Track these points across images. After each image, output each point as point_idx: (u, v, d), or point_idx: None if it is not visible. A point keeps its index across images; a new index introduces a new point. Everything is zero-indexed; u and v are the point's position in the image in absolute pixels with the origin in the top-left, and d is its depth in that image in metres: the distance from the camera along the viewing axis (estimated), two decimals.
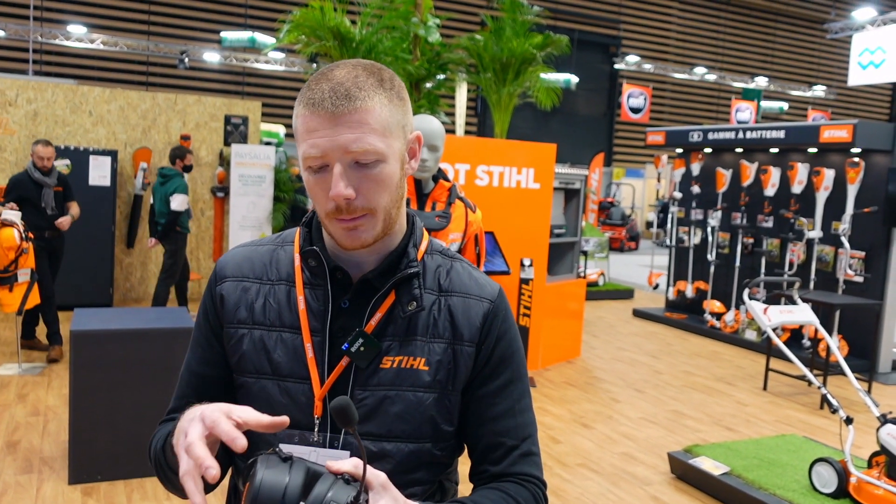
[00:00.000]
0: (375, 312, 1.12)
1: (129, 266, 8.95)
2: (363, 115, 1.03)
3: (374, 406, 1.10)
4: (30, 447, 4.35)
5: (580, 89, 21.83)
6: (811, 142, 7.83)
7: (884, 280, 7.42)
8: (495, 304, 1.20)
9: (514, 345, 1.21)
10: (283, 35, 8.94)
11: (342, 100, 1.02)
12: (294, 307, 1.14)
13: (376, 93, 1.06)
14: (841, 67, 25.86)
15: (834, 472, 3.92)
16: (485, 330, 1.17)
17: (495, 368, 1.18)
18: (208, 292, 1.22)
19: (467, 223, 2.96)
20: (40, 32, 16.70)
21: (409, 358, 1.12)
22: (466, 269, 1.22)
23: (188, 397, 1.20)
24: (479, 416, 1.18)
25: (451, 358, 1.14)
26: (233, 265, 1.21)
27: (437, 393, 1.13)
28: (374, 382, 1.11)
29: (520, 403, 1.20)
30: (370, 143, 1.03)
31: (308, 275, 1.15)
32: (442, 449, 1.16)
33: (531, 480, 1.17)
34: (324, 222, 1.10)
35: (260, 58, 18.59)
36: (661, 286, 11.10)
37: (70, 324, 3.90)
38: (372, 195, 1.06)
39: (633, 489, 4.29)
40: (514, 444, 1.18)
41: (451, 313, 1.16)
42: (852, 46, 13.76)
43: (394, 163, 1.08)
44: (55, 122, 8.47)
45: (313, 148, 1.03)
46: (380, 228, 1.09)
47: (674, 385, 6.61)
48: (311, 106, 1.04)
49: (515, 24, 9.69)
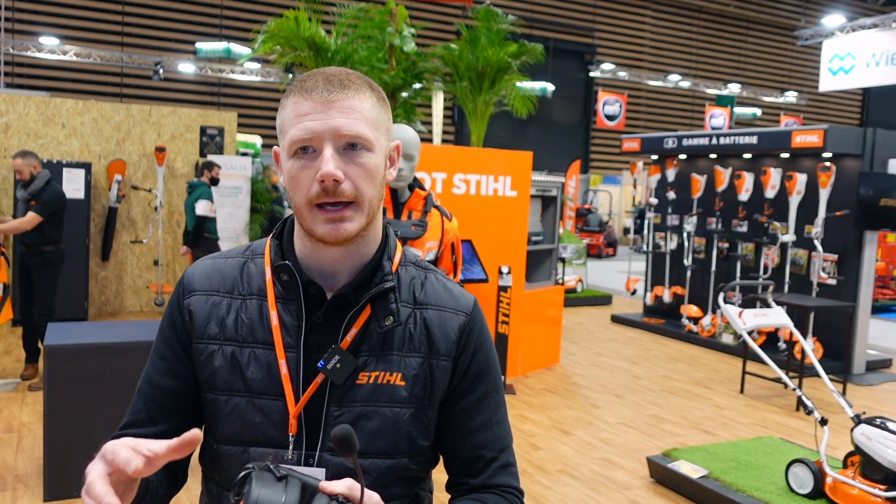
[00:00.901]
0: (351, 328, 1.11)
1: (105, 279, 8.85)
2: (355, 103, 1.06)
3: (350, 423, 1.08)
4: (3, 464, 4.28)
5: (556, 97, 21.97)
6: (783, 147, 7.94)
7: (856, 282, 7.54)
8: (471, 316, 1.19)
9: (490, 356, 1.21)
10: (257, 45, 8.92)
11: (336, 87, 1.05)
12: (267, 322, 1.12)
13: (367, 89, 1.09)
14: (812, 74, 26.29)
15: (810, 472, 3.96)
16: (461, 344, 1.16)
17: (472, 381, 1.18)
18: (175, 305, 1.18)
19: (443, 231, 2.97)
20: (12, 44, 16.52)
21: (386, 373, 1.11)
22: (441, 281, 1.22)
23: (150, 412, 1.16)
24: (458, 429, 1.17)
25: (427, 372, 1.13)
26: (201, 278, 1.17)
27: (414, 408, 1.12)
28: (350, 399, 1.09)
29: (496, 415, 1.20)
30: (361, 129, 1.05)
31: (280, 289, 1.13)
32: (418, 463, 1.15)
33: (510, 491, 1.18)
34: (302, 215, 1.07)
35: (235, 68, 18.51)
36: (639, 292, 11.17)
37: (44, 339, 3.85)
38: (359, 182, 1.06)
39: (612, 494, 4.30)
40: (492, 456, 1.18)
41: (426, 327, 1.15)
42: (822, 53, 13.98)
43: (380, 157, 1.09)
44: (27, 134, 8.38)
45: (304, 131, 1.04)
46: (363, 222, 1.08)
47: (652, 390, 6.65)
48: (304, 93, 1.05)
49: (490, 33, 9.74)
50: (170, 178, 9.10)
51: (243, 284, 1.16)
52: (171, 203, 9.12)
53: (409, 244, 2.83)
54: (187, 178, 9.20)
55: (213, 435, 1.14)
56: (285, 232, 1.19)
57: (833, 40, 13.80)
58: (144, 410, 1.16)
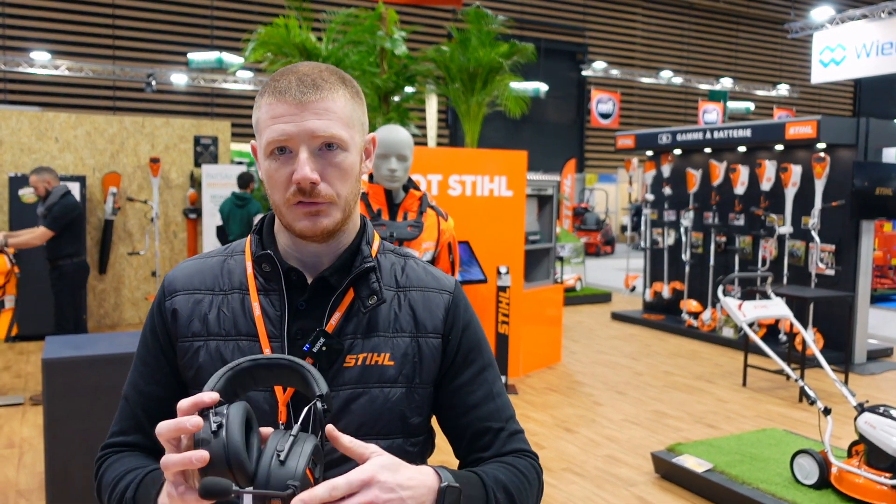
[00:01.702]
0: (335, 312, 1.12)
1: (103, 292, 8.83)
2: (329, 104, 1.07)
3: (341, 406, 1.09)
4: (5, 480, 4.26)
5: (549, 97, 21.98)
6: (777, 139, 7.94)
7: (855, 272, 7.53)
8: (454, 294, 1.21)
9: (479, 332, 1.23)
10: (248, 53, 8.92)
11: (309, 88, 1.06)
12: (249, 314, 1.13)
13: (340, 86, 1.10)
14: (803, 66, 26.33)
15: (815, 463, 3.95)
16: (449, 321, 1.18)
17: (466, 356, 1.19)
18: (157, 309, 1.18)
19: (440, 231, 2.96)
20: (3, 60, 16.50)
21: (374, 354, 1.12)
22: (421, 265, 1.24)
23: (136, 418, 1.16)
24: (461, 406, 1.18)
25: (416, 351, 1.14)
26: (182, 278, 1.18)
27: (405, 387, 1.13)
28: (340, 382, 1.10)
29: (495, 386, 1.22)
30: (335, 130, 1.06)
31: (262, 280, 1.14)
32: (413, 444, 1.16)
33: (526, 454, 1.20)
34: (281, 212, 1.09)
35: (228, 78, 18.50)
36: (638, 288, 11.16)
37: (41, 352, 3.84)
38: (335, 182, 1.07)
39: (617, 491, 4.29)
40: (499, 426, 1.19)
41: (411, 307, 1.16)
42: (813, 45, 14.00)
43: (355, 154, 1.11)
44: (21, 149, 8.36)
45: (279, 133, 1.05)
46: (339, 217, 1.10)
47: (654, 385, 6.64)
48: (278, 94, 1.06)
49: (481, 35, 9.74)
50: (165, 189, 9.09)
51: (224, 280, 1.17)
52: (167, 214, 9.10)
53: (406, 245, 2.82)
54: (182, 188, 9.18)
55: None
56: (265, 227, 1.20)
57: (823, 32, 13.81)
58: (132, 418, 1.17)
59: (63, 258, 5.92)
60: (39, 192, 5.98)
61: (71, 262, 5.97)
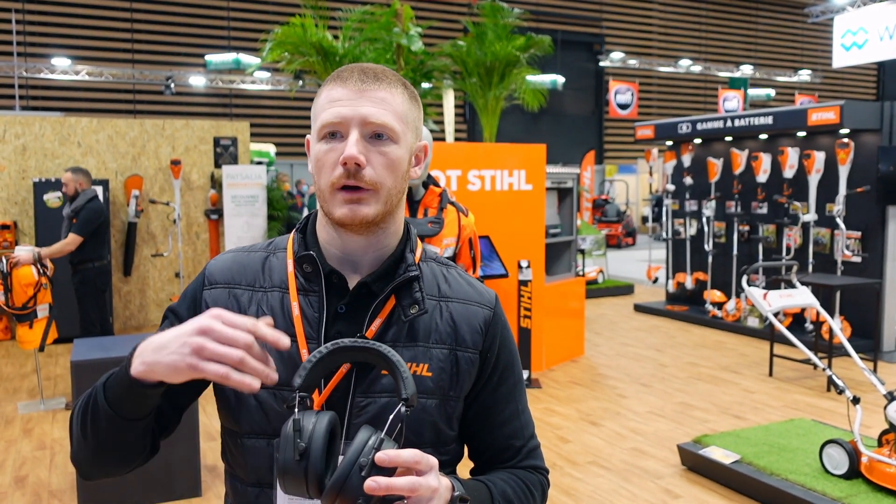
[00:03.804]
0: (375, 318, 1.11)
1: (128, 294, 8.93)
2: (386, 95, 1.09)
3: (376, 413, 1.08)
4: (38, 481, 4.32)
5: (567, 89, 21.88)
6: (800, 126, 7.84)
7: (882, 258, 7.43)
8: (494, 310, 1.21)
9: (513, 348, 1.25)
10: (266, 53, 8.97)
11: (370, 78, 1.09)
12: (288, 314, 1.12)
13: (399, 85, 1.12)
14: (825, 50, 25.97)
15: (845, 453, 3.91)
16: (489, 337, 1.18)
17: (502, 374, 1.20)
18: (192, 295, 1.18)
19: (460, 227, 2.96)
20: (25, 67, 16.72)
21: (412, 364, 1.11)
22: (463, 276, 1.24)
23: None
24: (487, 423, 1.20)
25: (453, 363, 1.14)
26: (223, 270, 1.18)
27: (439, 399, 1.13)
28: (377, 389, 1.09)
29: (521, 403, 1.24)
30: (388, 119, 1.08)
31: (302, 280, 1.14)
32: (443, 453, 1.16)
33: (538, 470, 1.24)
34: (324, 197, 1.09)
35: (246, 78, 18.62)
36: (661, 280, 11.09)
37: (70, 355, 3.88)
38: (380, 170, 1.08)
39: (644, 483, 4.27)
40: (521, 444, 1.23)
41: (452, 319, 1.16)
42: (834, 29, 13.81)
43: (404, 150, 1.11)
44: (44, 155, 8.47)
45: (333, 115, 1.07)
46: (380, 209, 1.09)
47: (679, 377, 6.60)
48: (339, 80, 1.09)
49: (497, 28, 9.72)
50: (186, 191, 9.16)
51: (265, 277, 1.17)
52: (189, 215, 9.18)
53: (427, 241, 2.82)
54: (203, 189, 9.25)
55: (236, 429, 1.14)
56: (308, 226, 1.20)
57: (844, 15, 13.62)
58: None
59: (85, 262, 6.00)
60: (69, 190, 6.04)
61: (93, 267, 6.04)
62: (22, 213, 8.39)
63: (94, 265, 6.05)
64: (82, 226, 5.84)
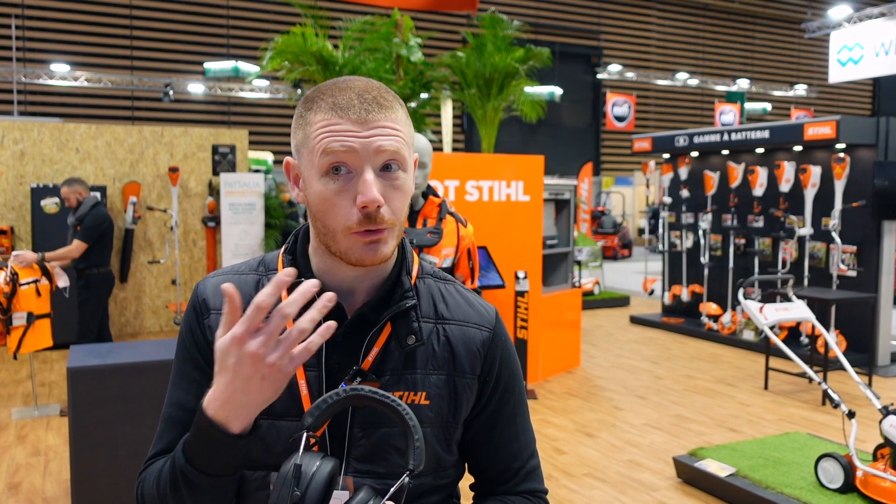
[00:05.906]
0: (372, 347, 1.08)
1: (124, 301, 8.91)
2: (393, 122, 1.02)
3: (374, 444, 1.06)
4: (31, 488, 4.31)
5: (565, 101, 21.96)
6: (796, 140, 7.89)
7: (877, 273, 7.46)
8: (494, 331, 1.17)
9: (514, 368, 1.20)
10: (266, 62, 8.99)
11: (373, 106, 1.01)
12: None
13: (398, 105, 1.06)
14: (821, 66, 26.14)
15: (840, 466, 3.91)
16: (488, 361, 1.15)
17: (501, 397, 1.17)
18: (195, 324, 1.13)
19: (459, 238, 2.97)
20: (23, 73, 16.72)
21: (410, 393, 1.08)
22: (462, 293, 1.20)
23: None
24: (488, 444, 1.18)
25: (451, 390, 1.11)
26: (216, 296, 1.12)
27: (438, 426, 1.11)
28: (374, 421, 1.07)
29: (523, 423, 1.21)
30: (400, 148, 1.02)
31: None
32: (444, 477, 1.15)
33: (536, 494, 1.20)
34: (336, 239, 1.03)
35: (244, 86, 18.64)
36: (657, 292, 11.11)
37: (65, 361, 3.88)
38: (395, 205, 1.03)
39: (640, 496, 4.27)
40: (520, 465, 1.20)
41: (449, 343, 1.12)
42: (830, 44, 13.90)
43: (410, 174, 1.07)
44: (42, 160, 8.47)
45: (341, 146, 0.99)
46: (395, 244, 1.05)
47: (675, 389, 6.61)
48: (338, 110, 1.00)
49: (496, 40, 9.77)
50: (184, 198, 9.17)
51: None
52: (186, 222, 9.18)
53: (426, 252, 2.83)
54: (201, 197, 9.26)
55: None
56: (298, 246, 1.14)
57: (841, 31, 13.71)
58: (179, 436, 1.08)
59: (91, 268, 6.01)
60: (71, 203, 6.06)
61: (98, 272, 6.05)
62: (19, 218, 8.38)
63: (100, 271, 6.07)
64: (86, 231, 5.86)
